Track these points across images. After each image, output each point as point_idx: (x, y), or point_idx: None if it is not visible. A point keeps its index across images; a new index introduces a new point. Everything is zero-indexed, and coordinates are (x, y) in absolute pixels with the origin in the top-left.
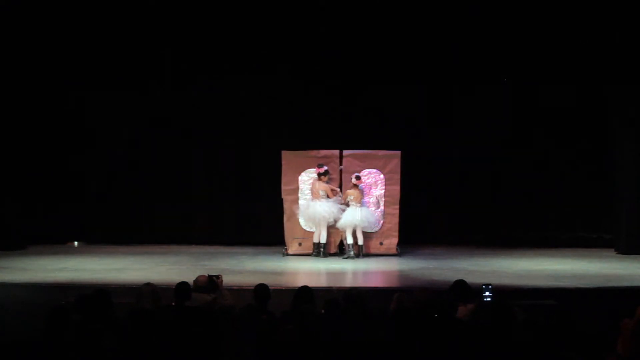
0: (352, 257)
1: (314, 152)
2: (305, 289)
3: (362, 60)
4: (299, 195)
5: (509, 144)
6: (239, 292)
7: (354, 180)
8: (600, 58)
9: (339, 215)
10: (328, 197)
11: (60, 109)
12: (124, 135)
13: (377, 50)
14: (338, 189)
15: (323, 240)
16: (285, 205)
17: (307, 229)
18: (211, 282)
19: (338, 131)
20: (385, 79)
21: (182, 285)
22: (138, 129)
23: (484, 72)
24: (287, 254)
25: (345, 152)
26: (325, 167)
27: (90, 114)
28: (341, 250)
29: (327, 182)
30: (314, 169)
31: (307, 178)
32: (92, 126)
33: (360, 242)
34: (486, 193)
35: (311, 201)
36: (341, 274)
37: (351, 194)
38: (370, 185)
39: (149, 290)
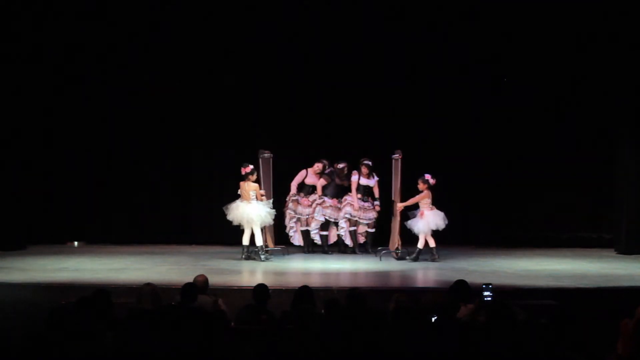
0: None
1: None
2: (305, 289)
3: (362, 61)
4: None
5: (509, 143)
6: (239, 292)
7: (431, 181)
8: (602, 58)
9: (268, 218)
10: (257, 198)
11: (58, 109)
12: (124, 135)
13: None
14: (263, 191)
15: (260, 242)
16: None
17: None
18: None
19: (336, 131)
20: (385, 80)
21: (188, 286)
22: (138, 130)
23: (483, 72)
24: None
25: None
26: (251, 166)
27: (88, 113)
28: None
29: (255, 182)
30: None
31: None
32: (91, 127)
33: (421, 245)
34: (486, 193)
35: (240, 202)
36: (341, 274)
37: (427, 195)
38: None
39: (149, 290)
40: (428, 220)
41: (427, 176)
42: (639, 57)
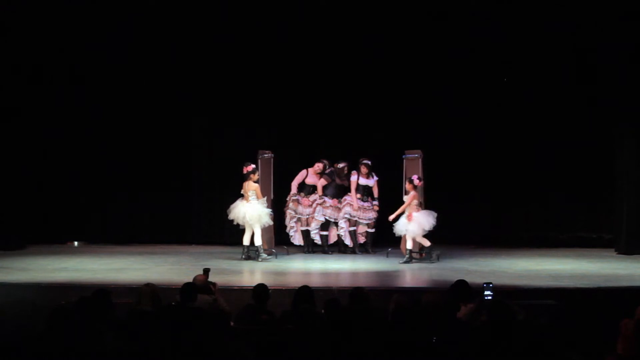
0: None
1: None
2: (305, 289)
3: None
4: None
5: (509, 143)
6: (239, 292)
7: (416, 182)
8: (602, 57)
9: (267, 218)
10: (258, 198)
11: (58, 108)
12: (124, 134)
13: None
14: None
15: (258, 242)
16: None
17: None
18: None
19: (336, 131)
20: (385, 80)
21: (187, 286)
22: (138, 130)
23: (483, 72)
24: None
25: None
26: (253, 165)
27: (88, 113)
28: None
29: (256, 182)
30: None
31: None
32: (91, 127)
33: (410, 246)
34: (486, 193)
35: (240, 201)
36: (341, 274)
37: (414, 197)
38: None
39: (149, 291)
40: (419, 222)
41: (414, 177)
42: (639, 57)
